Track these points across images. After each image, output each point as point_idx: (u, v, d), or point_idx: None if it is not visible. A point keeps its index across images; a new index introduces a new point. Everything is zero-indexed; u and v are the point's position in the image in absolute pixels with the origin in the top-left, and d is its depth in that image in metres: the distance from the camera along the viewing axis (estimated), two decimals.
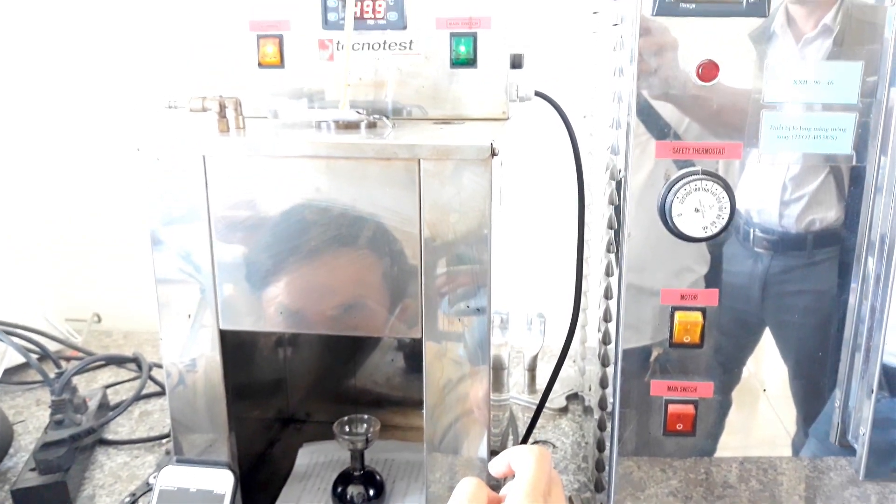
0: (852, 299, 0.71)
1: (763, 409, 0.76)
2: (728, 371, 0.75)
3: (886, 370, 0.71)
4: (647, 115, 0.68)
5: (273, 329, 0.76)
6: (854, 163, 0.68)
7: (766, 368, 0.75)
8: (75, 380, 1.06)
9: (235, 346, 0.81)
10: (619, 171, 0.72)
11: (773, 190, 0.70)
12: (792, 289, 0.72)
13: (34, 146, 1.46)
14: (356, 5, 0.84)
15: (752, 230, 0.71)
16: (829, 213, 0.70)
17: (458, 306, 0.72)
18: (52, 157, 1.46)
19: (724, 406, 0.76)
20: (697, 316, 0.71)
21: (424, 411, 0.76)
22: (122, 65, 1.40)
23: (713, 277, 0.72)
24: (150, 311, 0.79)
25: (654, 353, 0.73)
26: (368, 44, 0.86)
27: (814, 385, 0.74)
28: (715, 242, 0.70)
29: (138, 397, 1.16)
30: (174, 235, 0.74)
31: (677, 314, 0.71)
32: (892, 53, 0.65)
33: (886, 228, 0.68)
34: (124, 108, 1.39)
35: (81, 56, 1.41)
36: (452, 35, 0.85)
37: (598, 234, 0.91)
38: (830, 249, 0.71)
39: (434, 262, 0.71)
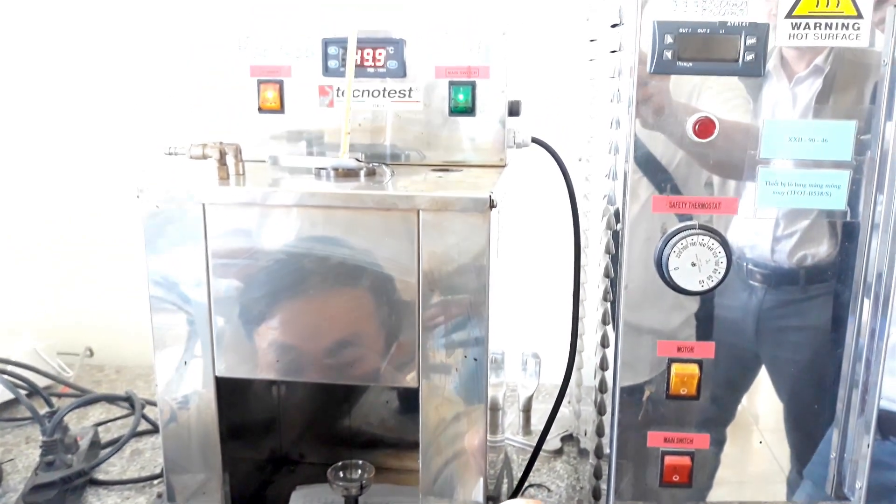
0: (849, 338, 0.71)
1: (758, 449, 0.76)
2: (724, 418, 0.75)
3: (882, 416, 0.71)
4: (644, 169, 0.69)
5: (269, 377, 0.76)
6: (848, 218, 0.68)
7: (762, 406, 0.75)
8: (66, 416, 1.05)
9: (229, 385, 0.81)
10: (616, 221, 0.73)
11: (766, 225, 0.70)
12: (786, 324, 0.73)
13: (28, 175, 1.47)
14: (356, 53, 0.85)
15: (745, 264, 0.71)
16: (821, 249, 0.70)
17: (455, 356, 0.72)
18: (44, 187, 1.47)
19: (719, 454, 0.76)
20: (694, 368, 0.71)
21: (420, 458, 0.76)
22: (124, 96, 1.41)
23: (706, 316, 0.72)
24: (144, 346, 0.78)
25: (651, 404, 0.73)
26: (368, 90, 0.87)
27: (809, 423, 0.74)
28: None
29: (131, 436, 1.15)
30: (172, 281, 0.74)
31: (674, 366, 0.72)
32: (885, 95, 0.66)
33: (883, 267, 0.68)
34: (125, 151, 1.41)
35: (83, 92, 1.42)
36: (451, 84, 0.86)
37: (594, 277, 0.91)
38: (823, 285, 0.71)
39: (432, 311, 0.71)
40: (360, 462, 0.89)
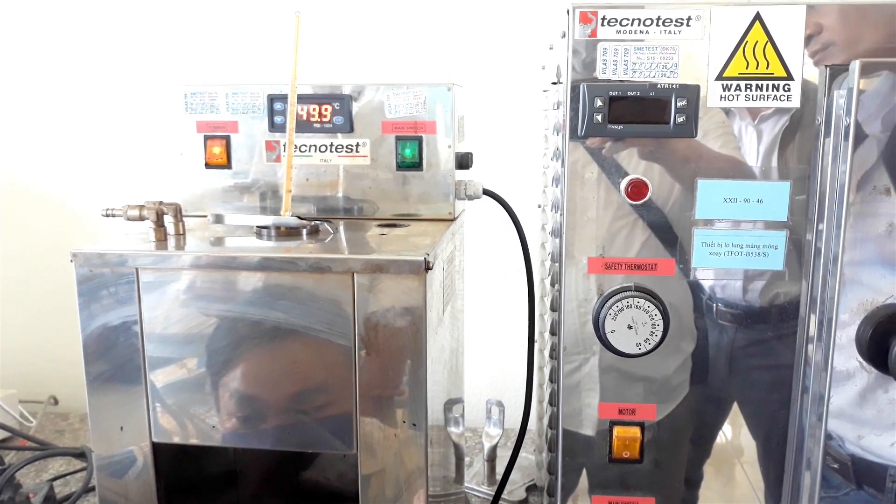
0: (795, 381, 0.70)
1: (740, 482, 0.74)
2: (671, 485, 0.73)
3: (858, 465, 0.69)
4: (579, 230, 0.68)
5: (206, 444, 0.74)
6: (786, 279, 0.67)
7: (738, 445, 0.73)
8: (23, 469, 1.03)
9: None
10: (555, 283, 0.72)
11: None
12: (757, 363, 0.71)
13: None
14: (302, 109, 0.85)
15: (715, 305, 0.70)
16: (794, 288, 0.69)
17: (393, 421, 0.71)
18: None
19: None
20: (636, 431, 0.70)
21: None
22: (83, 153, 1.40)
23: (642, 376, 0.70)
24: None
25: (594, 469, 0.72)
26: (315, 146, 0.87)
27: (781, 465, 0.72)
28: None
29: (83, 492, 1.12)
30: (106, 346, 0.73)
31: (616, 429, 0.70)
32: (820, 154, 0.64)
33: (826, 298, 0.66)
34: (84, 203, 1.40)
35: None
36: (398, 139, 0.85)
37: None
38: (766, 326, 0.69)
39: (369, 376, 0.70)
40: None
